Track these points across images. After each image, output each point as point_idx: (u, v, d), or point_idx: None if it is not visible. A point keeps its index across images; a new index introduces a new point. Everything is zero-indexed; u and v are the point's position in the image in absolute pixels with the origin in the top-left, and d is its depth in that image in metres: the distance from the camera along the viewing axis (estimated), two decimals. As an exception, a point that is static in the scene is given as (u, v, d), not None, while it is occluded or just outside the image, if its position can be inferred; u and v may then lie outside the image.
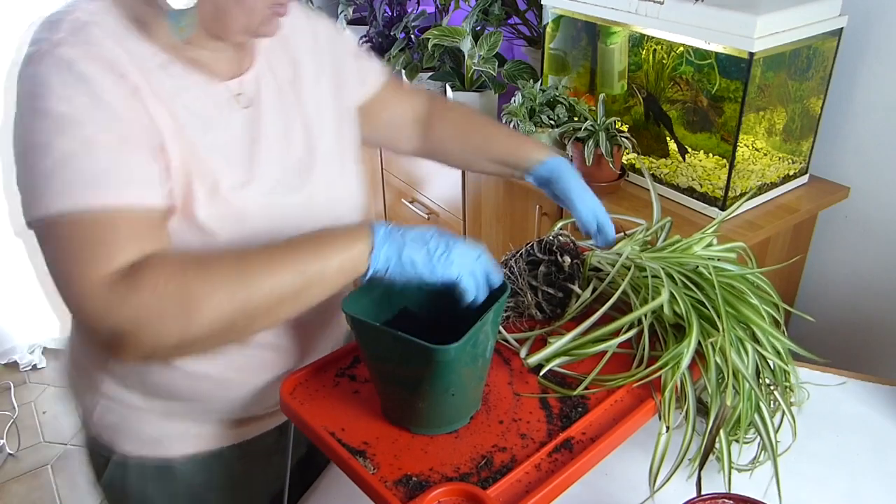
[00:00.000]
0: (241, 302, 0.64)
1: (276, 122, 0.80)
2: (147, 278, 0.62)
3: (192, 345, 0.64)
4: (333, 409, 0.73)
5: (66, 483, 2.10)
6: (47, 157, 0.63)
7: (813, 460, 0.87)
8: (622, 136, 1.50)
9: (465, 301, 0.70)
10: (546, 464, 0.66)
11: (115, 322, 0.61)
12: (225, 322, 0.64)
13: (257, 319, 0.66)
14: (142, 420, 0.85)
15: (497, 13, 1.98)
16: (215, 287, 0.63)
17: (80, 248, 0.63)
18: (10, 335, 2.55)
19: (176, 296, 0.62)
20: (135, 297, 0.61)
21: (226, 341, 0.68)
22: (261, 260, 0.67)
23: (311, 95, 0.85)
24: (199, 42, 0.73)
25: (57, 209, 0.63)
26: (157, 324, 0.61)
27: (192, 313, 0.62)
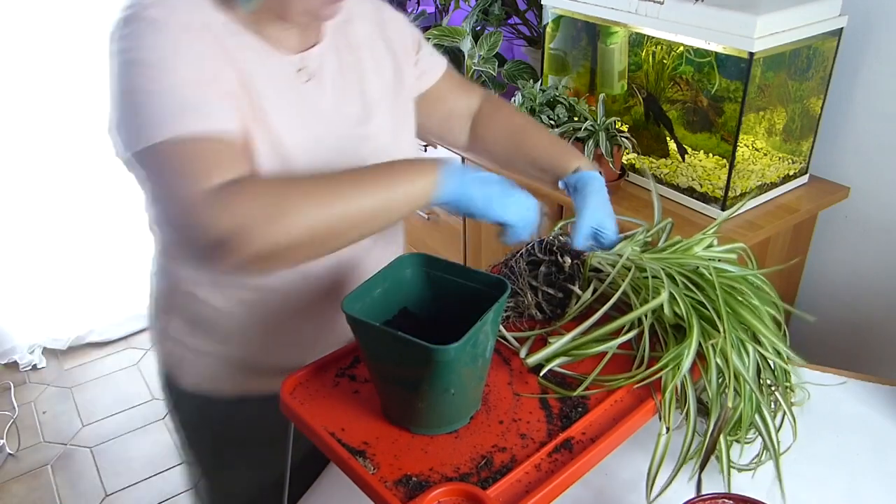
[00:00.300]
0: (326, 216, 0.72)
1: (334, 98, 0.87)
2: (246, 190, 0.71)
3: (283, 253, 0.71)
4: (333, 409, 0.73)
5: (66, 483, 2.10)
6: (144, 98, 0.72)
7: (813, 460, 0.87)
8: (622, 136, 1.50)
9: (512, 238, 0.80)
10: (546, 464, 0.66)
11: (218, 229, 0.68)
12: (311, 233, 0.71)
13: (337, 236, 0.74)
14: (199, 361, 0.95)
15: (497, 13, 1.98)
16: (306, 200, 0.71)
17: (183, 167, 0.71)
18: (10, 335, 2.55)
19: (271, 205, 0.70)
20: (235, 206, 0.69)
21: (308, 254, 0.75)
22: (345, 182, 0.74)
23: (371, 78, 0.91)
24: (266, 19, 0.81)
25: (158, 138, 0.71)
26: (254, 229, 0.68)
27: (285, 221, 0.69)
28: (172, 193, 0.72)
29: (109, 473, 2.13)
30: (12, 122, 2.32)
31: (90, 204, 2.56)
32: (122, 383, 2.50)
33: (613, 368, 0.77)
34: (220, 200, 0.69)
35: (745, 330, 0.79)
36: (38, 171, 2.42)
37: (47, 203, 2.48)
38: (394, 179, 0.76)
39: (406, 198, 0.76)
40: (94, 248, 2.62)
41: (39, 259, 2.53)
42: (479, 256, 2.00)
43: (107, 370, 2.57)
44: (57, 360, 2.63)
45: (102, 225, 2.60)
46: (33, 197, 2.45)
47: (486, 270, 0.79)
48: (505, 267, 0.89)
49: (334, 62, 0.88)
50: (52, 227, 2.52)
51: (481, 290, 0.70)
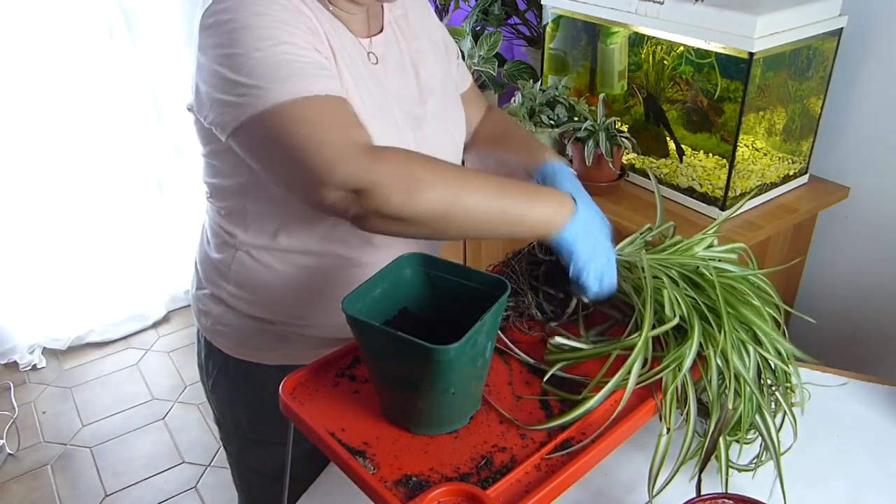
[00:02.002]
0: (452, 202, 0.75)
1: (397, 82, 0.94)
2: (388, 155, 0.75)
3: (406, 222, 0.75)
4: (333, 409, 0.73)
5: (65, 483, 2.10)
6: (261, 60, 0.75)
7: (813, 461, 0.87)
8: (622, 136, 1.50)
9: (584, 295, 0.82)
10: (546, 464, 0.66)
11: (363, 179, 0.73)
12: (434, 212, 0.75)
13: (457, 225, 0.77)
14: (247, 327, 1.00)
15: (497, 13, 1.98)
16: (438, 181, 0.75)
17: (326, 121, 0.75)
18: (10, 335, 2.55)
19: (407, 176, 0.74)
20: (379, 163, 0.73)
21: (429, 234, 0.78)
22: (479, 178, 0.78)
23: (425, 66, 0.99)
24: (339, 2, 0.88)
25: (290, 96, 0.74)
26: (387, 192, 0.73)
27: (415, 194, 0.73)
28: (317, 143, 0.74)
29: (109, 473, 2.13)
30: (13, 122, 2.32)
31: (90, 204, 2.56)
32: (122, 383, 2.50)
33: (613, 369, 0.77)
34: (368, 156, 0.74)
35: (746, 330, 0.79)
36: (39, 171, 2.42)
37: (47, 203, 2.48)
38: (535, 197, 0.79)
39: (537, 217, 0.79)
40: (94, 248, 2.62)
41: (39, 259, 2.53)
42: (479, 256, 2.00)
43: (107, 370, 2.57)
44: (57, 360, 2.63)
45: (102, 225, 2.61)
46: (34, 197, 2.45)
47: (486, 270, 0.79)
48: (506, 267, 0.89)
49: (395, 51, 0.96)
50: (52, 228, 2.52)
51: (481, 290, 0.70)
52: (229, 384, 1.05)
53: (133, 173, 2.60)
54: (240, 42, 0.76)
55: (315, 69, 0.77)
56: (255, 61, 0.75)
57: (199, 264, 1.05)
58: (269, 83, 0.74)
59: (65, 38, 2.30)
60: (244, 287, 0.98)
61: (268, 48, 0.75)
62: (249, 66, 0.75)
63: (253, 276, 0.96)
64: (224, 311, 1.01)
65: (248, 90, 0.75)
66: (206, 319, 1.04)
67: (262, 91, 0.74)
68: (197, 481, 2.10)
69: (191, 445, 2.22)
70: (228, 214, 0.96)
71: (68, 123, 2.41)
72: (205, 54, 0.79)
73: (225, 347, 1.03)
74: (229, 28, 0.77)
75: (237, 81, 0.76)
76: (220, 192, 0.95)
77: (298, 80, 0.75)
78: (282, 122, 0.75)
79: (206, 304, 1.03)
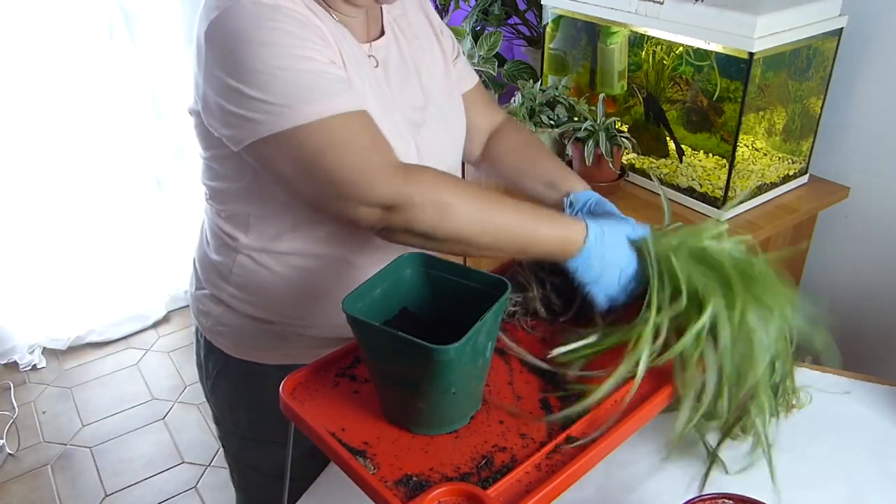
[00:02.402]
0: (478, 224, 0.78)
1: (399, 85, 0.94)
2: (420, 175, 0.78)
3: (432, 240, 0.79)
4: (333, 409, 0.73)
5: (66, 483, 2.10)
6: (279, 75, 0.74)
7: (813, 461, 0.87)
8: (622, 136, 1.50)
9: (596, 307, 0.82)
10: (546, 464, 0.66)
11: (400, 195, 0.75)
12: (461, 235, 0.78)
13: (477, 247, 0.80)
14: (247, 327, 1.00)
15: (497, 13, 1.98)
16: (465, 204, 0.78)
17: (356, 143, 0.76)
18: (10, 335, 2.55)
19: (438, 199, 0.77)
20: (409, 186, 0.76)
21: (443, 249, 0.80)
22: (502, 201, 0.80)
23: (426, 67, 0.99)
24: (338, 5, 0.87)
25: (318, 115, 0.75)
26: (419, 212, 0.76)
27: (443, 217, 0.77)
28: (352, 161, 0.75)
29: (109, 473, 2.13)
30: (13, 122, 2.32)
31: (90, 204, 2.56)
32: (122, 383, 2.50)
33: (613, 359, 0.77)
34: (404, 174, 0.76)
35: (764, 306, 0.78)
36: (39, 171, 2.42)
37: (48, 203, 2.48)
38: (551, 223, 0.81)
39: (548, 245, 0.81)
40: (94, 248, 2.62)
41: (39, 259, 2.53)
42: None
43: (107, 370, 2.57)
44: (57, 360, 2.63)
45: (102, 225, 2.61)
46: (34, 197, 2.45)
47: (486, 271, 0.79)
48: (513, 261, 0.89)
49: (396, 53, 0.96)
50: (52, 228, 2.52)
51: (481, 290, 0.70)
52: (229, 384, 1.05)
53: (133, 173, 2.60)
54: (256, 57, 0.74)
55: (336, 84, 0.77)
56: (272, 77, 0.74)
57: (198, 265, 1.05)
58: (292, 102, 0.74)
59: (65, 38, 2.30)
60: (245, 289, 0.98)
61: (285, 64, 0.74)
62: (266, 81, 0.74)
63: (254, 278, 0.96)
64: (224, 312, 1.01)
65: (267, 107, 0.75)
66: (205, 319, 1.04)
67: (284, 109, 0.74)
68: (197, 481, 2.10)
69: (191, 445, 2.22)
70: (229, 217, 0.96)
71: (68, 123, 2.41)
72: (217, 66, 0.77)
73: (225, 347, 1.03)
74: (242, 40, 0.75)
75: (254, 97, 0.75)
76: (221, 196, 0.95)
77: (322, 99, 0.75)
78: (309, 142, 0.75)
79: (205, 304, 1.03)
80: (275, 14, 0.76)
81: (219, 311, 1.02)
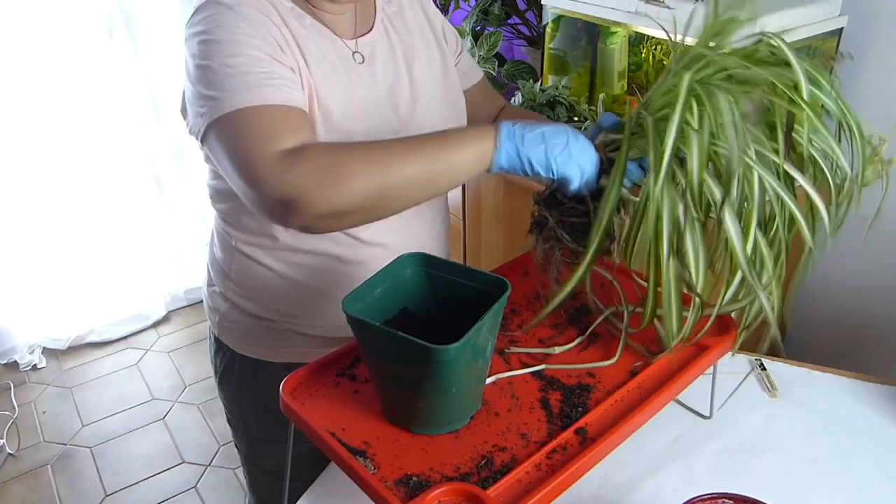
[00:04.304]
0: (381, 179, 0.74)
1: (385, 82, 0.94)
2: (306, 154, 0.75)
3: (343, 215, 0.75)
4: (333, 409, 0.73)
5: (66, 483, 2.10)
6: (221, 73, 0.78)
7: (813, 461, 0.87)
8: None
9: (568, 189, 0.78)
10: (546, 464, 0.66)
11: (283, 189, 0.73)
12: (367, 196, 0.74)
13: (394, 199, 0.77)
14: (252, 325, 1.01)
15: (497, 13, 1.98)
16: (360, 164, 0.74)
17: (255, 133, 0.76)
18: (10, 335, 2.55)
19: (328, 168, 0.74)
20: (296, 168, 0.73)
21: (365, 217, 0.78)
22: (399, 148, 0.77)
23: (420, 64, 0.99)
24: (322, 4, 0.89)
25: (234, 107, 0.77)
26: (313, 191, 0.73)
27: (341, 184, 0.73)
28: (245, 156, 0.76)
29: (109, 473, 2.13)
30: (13, 122, 2.32)
31: (90, 204, 2.56)
32: (122, 383, 2.50)
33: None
34: (285, 163, 0.74)
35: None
36: (39, 171, 2.42)
37: (48, 203, 2.48)
38: (448, 147, 0.77)
39: (461, 165, 0.77)
40: (94, 248, 2.62)
41: (39, 259, 2.53)
42: (478, 256, 2.00)
43: (107, 370, 2.57)
44: (57, 360, 2.63)
45: (102, 225, 2.61)
46: (34, 197, 2.45)
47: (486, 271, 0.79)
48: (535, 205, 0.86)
49: (386, 48, 0.96)
50: (52, 227, 2.51)
51: (481, 290, 0.70)
52: (236, 381, 1.07)
53: (133, 173, 2.60)
54: (207, 54, 0.79)
55: (267, 79, 0.78)
56: (213, 73, 0.78)
57: (209, 263, 1.08)
58: (221, 93, 0.77)
59: (65, 37, 2.30)
60: (244, 286, 0.99)
61: (227, 59, 0.78)
62: (209, 77, 0.79)
63: (251, 274, 0.98)
64: (230, 309, 1.03)
65: (207, 101, 0.79)
66: (215, 315, 1.06)
67: (216, 102, 0.78)
68: (197, 481, 2.10)
69: (191, 445, 2.22)
70: (227, 215, 0.98)
71: (68, 123, 2.41)
72: (186, 66, 0.83)
73: (232, 344, 1.04)
74: (199, 40, 0.81)
75: (201, 93, 0.79)
76: (218, 195, 0.97)
77: (244, 90, 0.77)
78: (226, 132, 0.78)
79: (215, 300, 1.06)
80: (228, 13, 0.80)
81: (225, 307, 1.03)
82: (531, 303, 0.91)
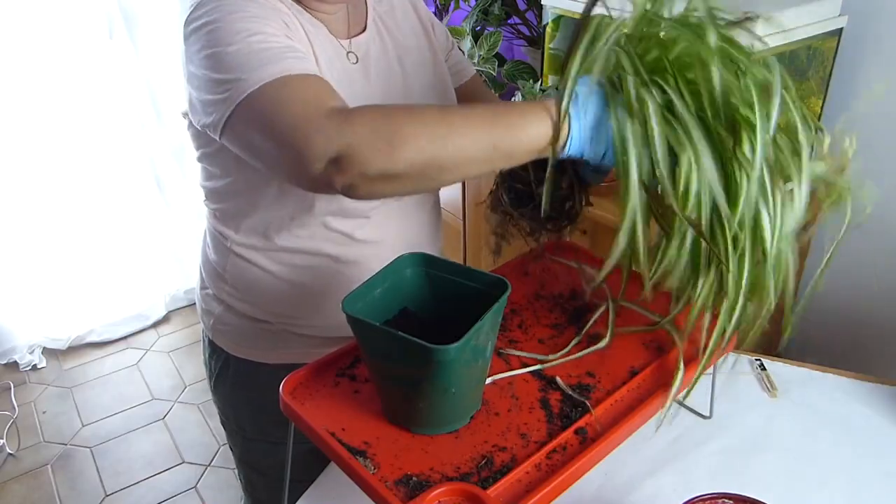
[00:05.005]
0: (438, 148, 0.70)
1: (378, 80, 0.94)
2: (360, 114, 0.72)
3: (392, 179, 0.70)
4: (333, 409, 0.73)
5: (65, 483, 2.10)
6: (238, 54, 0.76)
7: (813, 460, 0.87)
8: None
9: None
10: (546, 463, 0.66)
11: (338, 143, 0.69)
12: (421, 162, 0.69)
13: (448, 170, 0.71)
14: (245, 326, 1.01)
15: (497, 13, 1.98)
16: (419, 129, 0.70)
17: (297, 97, 0.74)
18: (10, 335, 2.55)
19: (385, 129, 0.69)
20: (349, 127, 0.70)
21: (419, 185, 0.74)
22: (464, 114, 0.73)
23: (412, 62, 0.99)
24: (314, 4, 0.89)
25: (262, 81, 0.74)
26: (367, 148, 0.68)
27: (397, 146, 0.68)
28: (291, 121, 0.73)
29: (109, 473, 2.13)
30: (12, 122, 2.32)
31: (90, 204, 2.56)
32: (122, 383, 2.50)
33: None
34: (338, 120, 0.71)
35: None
36: (39, 171, 2.42)
37: (48, 203, 2.48)
38: (525, 118, 0.70)
39: (531, 140, 0.70)
40: (94, 248, 2.62)
41: (39, 259, 2.53)
42: (478, 256, 2.00)
43: (107, 370, 2.57)
44: (57, 360, 2.63)
45: (102, 225, 2.61)
46: (34, 197, 2.45)
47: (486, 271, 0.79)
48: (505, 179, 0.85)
49: (379, 49, 0.96)
50: (52, 227, 2.52)
51: (481, 290, 0.70)
52: (230, 383, 1.06)
53: (133, 173, 2.60)
54: (217, 41, 0.78)
55: (287, 52, 0.77)
56: (231, 56, 0.76)
57: (202, 265, 1.07)
58: (246, 73, 0.75)
59: (65, 38, 2.30)
60: (240, 287, 0.99)
61: (242, 40, 0.77)
62: (227, 61, 0.77)
63: (247, 276, 0.98)
64: (224, 311, 1.02)
65: (229, 84, 0.76)
66: (208, 318, 1.05)
67: (241, 82, 0.75)
68: (197, 481, 2.10)
69: (191, 445, 2.22)
70: (222, 216, 0.98)
71: (68, 123, 2.41)
72: (191, 62, 0.81)
73: (226, 346, 1.04)
74: (207, 30, 0.79)
75: (220, 79, 0.77)
76: (213, 195, 0.97)
77: (271, 64, 0.75)
78: (259, 107, 0.75)
79: (208, 303, 1.05)
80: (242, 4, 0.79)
81: (219, 310, 1.03)
82: (531, 303, 0.91)
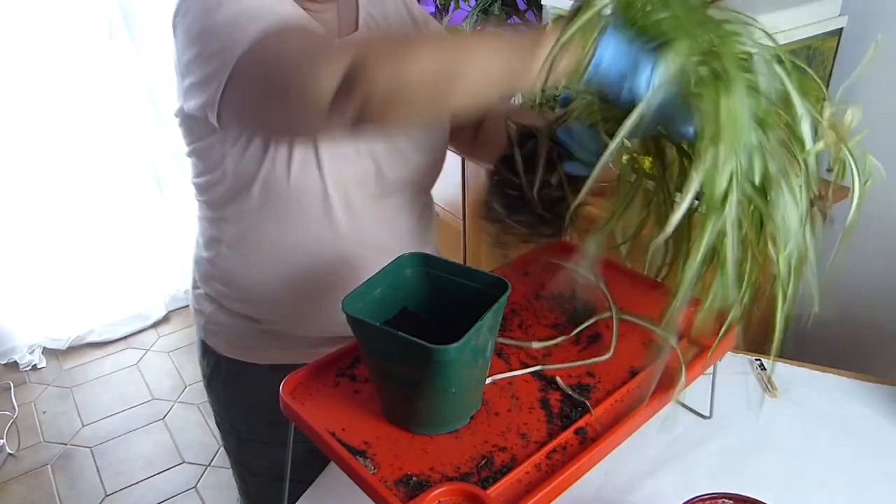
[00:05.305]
0: (446, 56, 0.67)
1: None
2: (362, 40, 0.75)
3: (405, 92, 0.67)
4: (333, 409, 0.73)
5: (66, 483, 2.10)
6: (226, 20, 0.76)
7: (813, 460, 0.87)
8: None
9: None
10: (546, 463, 0.66)
11: (340, 68, 0.67)
12: (431, 70, 0.66)
13: (461, 78, 0.67)
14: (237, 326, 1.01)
15: (497, 13, 1.98)
16: (424, 42, 0.71)
17: (294, 39, 0.74)
18: (10, 335, 2.55)
19: (388, 45, 0.69)
20: (352, 49, 0.68)
21: (432, 102, 0.70)
22: (472, 43, 0.71)
23: None
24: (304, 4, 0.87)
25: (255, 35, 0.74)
26: (373, 64, 0.66)
27: (403, 55, 0.66)
28: (294, 59, 0.72)
29: (109, 473, 2.13)
30: (12, 122, 2.32)
31: (90, 204, 2.56)
32: (121, 383, 2.50)
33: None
34: (341, 46, 0.71)
35: None
36: (39, 171, 2.43)
37: (48, 203, 2.48)
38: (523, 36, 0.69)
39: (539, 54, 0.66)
40: (94, 248, 2.62)
41: (39, 259, 2.53)
42: (478, 256, 2.00)
43: (107, 370, 2.57)
44: (57, 360, 2.63)
45: (102, 225, 2.61)
46: (34, 197, 2.45)
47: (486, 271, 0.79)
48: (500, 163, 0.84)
49: None
50: (52, 227, 2.52)
51: (481, 290, 0.70)
52: (222, 383, 1.07)
53: (133, 173, 2.60)
54: (205, 16, 0.77)
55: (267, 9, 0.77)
56: (219, 23, 0.76)
57: (194, 264, 1.07)
58: (231, 38, 0.75)
59: (65, 38, 2.30)
60: (229, 284, 0.99)
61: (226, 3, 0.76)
62: (208, 34, 0.76)
63: (235, 272, 0.98)
64: (216, 310, 1.02)
65: (218, 54, 0.76)
66: (200, 318, 1.06)
67: (228, 45, 0.75)
68: (197, 481, 2.10)
69: (191, 445, 2.22)
70: (211, 212, 0.98)
71: (68, 123, 2.41)
72: (182, 52, 0.81)
73: (217, 346, 1.04)
74: (195, 13, 0.79)
75: (205, 53, 0.77)
76: (203, 191, 0.98)
77: (253, 21, 0.75)
78: (258, 57, 0.74)
79: (200, 303, 1.05)
80: None
81: (211, 309, 1.03)
82: (531, 303, 0.91)
